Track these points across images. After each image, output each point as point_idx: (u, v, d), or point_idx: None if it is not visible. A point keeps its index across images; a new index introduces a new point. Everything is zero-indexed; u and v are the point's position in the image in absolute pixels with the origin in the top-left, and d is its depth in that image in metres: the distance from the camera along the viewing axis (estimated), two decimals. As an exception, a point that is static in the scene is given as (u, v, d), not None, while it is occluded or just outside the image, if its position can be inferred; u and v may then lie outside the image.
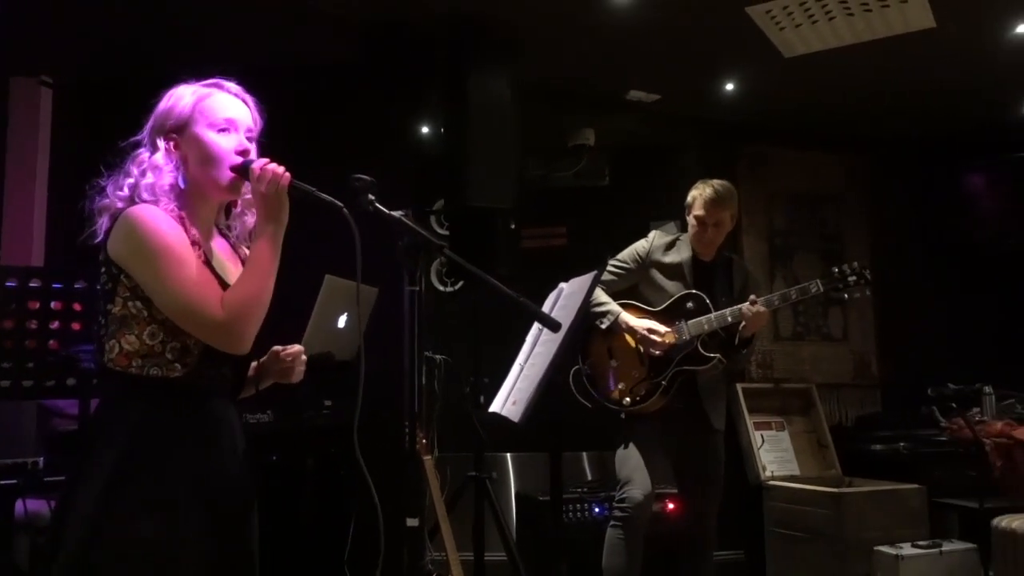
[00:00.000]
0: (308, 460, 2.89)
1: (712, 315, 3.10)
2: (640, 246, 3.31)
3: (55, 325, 2.79)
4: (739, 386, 4.67)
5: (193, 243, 1.62)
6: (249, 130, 1.72)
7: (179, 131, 1.67)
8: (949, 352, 4.97)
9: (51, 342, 2.77)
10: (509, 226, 3.95)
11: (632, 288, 3.30)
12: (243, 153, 1.66)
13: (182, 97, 1.69)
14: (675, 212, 4.77)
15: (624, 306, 3.22)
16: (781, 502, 4.14)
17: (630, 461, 3.11)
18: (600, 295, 3.21)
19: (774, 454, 4.53)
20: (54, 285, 2.80)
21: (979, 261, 5.25)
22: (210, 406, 1.63)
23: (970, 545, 3.76)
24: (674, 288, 3.21)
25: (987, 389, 4.39)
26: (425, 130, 4.18)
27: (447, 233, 4.11)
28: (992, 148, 5.24)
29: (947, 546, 3.72)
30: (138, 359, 1.57)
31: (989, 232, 5.31)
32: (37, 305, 2.76)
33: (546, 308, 2.91)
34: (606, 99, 4.74)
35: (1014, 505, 3.69)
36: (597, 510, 3.83)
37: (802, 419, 4.78)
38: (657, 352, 3.09)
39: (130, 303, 1.58)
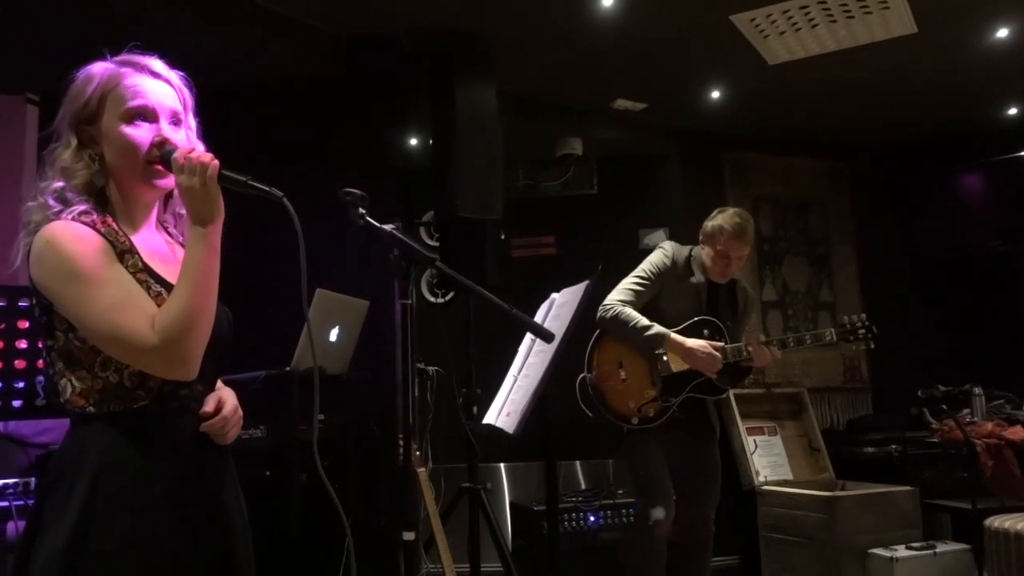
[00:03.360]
0: (302, 475, 2.87)
1: (731, 346, 3.19)
2: (660, 260, 3.30)
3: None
4: (731, 392, 4.68)
5: (124, 252, 1.39)
6: (175, 113, 1.48)
7: (90, 121, 1.45)
8: (938, 354, 5.00)
9: (40, 362, 2.75)
10: (499, 236, 3.96)
11: (649, 302, 3.31)
12: (161, 144, 1.43)
13: (90, 81, 1.47)
14: (663, 220, 4.81)
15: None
16: (775, 507, 4.14)
17: (653, 479, 3.17)
18: (637, 317, 3.17)
19: (767, 459, 4.54)
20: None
21: (965, 263, 5.30)
22: (184, 430, 1.43)
23: (964, 546, 3.78)
24: (688, 304, 3.25)
25: (976, 390, 4.43)
26: (413, 142, 4.19)
27: (437, 244, 4.12)
28: (975, 151, 5.28)
29: (941, 547, 3.74)
30: (95, 395, 1.36)
31: (974, 234, 5.35)
32: (26, 325, 2.74)
33: (538, 318, 2.91)
34: (593, 109, 4.76)
35: (1006, 505, 3.72)
36: (592, 519, 3.83)
37: (794, 423, 4.80)
38: (712, 375, 3.15)
39: (70, 335, 1.36)
